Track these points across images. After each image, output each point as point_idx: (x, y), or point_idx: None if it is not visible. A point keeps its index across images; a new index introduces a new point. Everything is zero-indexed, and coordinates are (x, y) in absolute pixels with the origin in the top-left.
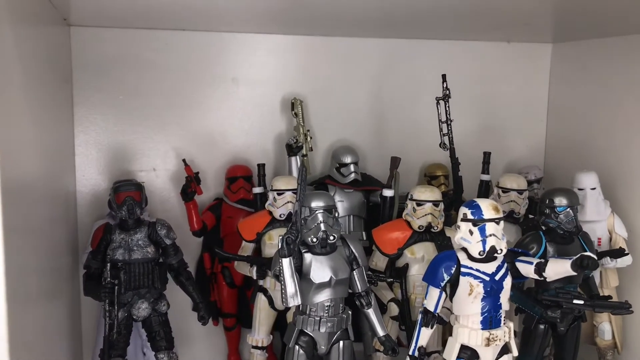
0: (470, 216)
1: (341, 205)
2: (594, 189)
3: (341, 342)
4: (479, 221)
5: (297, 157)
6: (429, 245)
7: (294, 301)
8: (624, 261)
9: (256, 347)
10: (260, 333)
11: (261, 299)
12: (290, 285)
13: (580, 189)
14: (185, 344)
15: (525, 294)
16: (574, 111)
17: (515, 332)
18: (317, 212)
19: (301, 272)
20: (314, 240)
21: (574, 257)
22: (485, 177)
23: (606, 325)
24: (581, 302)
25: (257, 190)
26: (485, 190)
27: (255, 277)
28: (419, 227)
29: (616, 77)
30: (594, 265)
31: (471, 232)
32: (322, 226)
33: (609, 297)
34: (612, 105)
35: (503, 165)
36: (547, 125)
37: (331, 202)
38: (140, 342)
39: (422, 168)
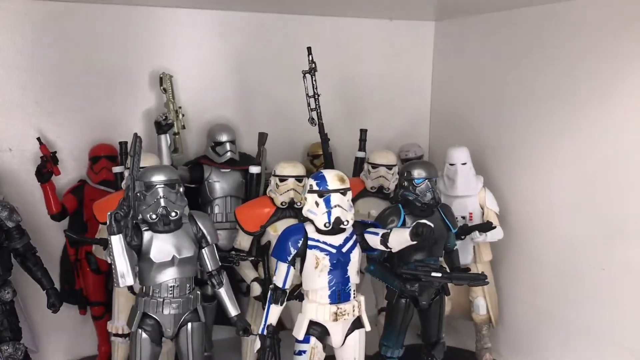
0: (315, 187)
1: (218, 186)
2: (464, 164)
3: (189, 324)
4: (324, 192)
5: (167, 135)
6: (292, 222)
7: (125, 281)
8: (495, 235)
9: (117, 335)
10: (120, 320)
11: None
12: (120, 265)
13: (451, 164)
14: (53, 335)
15: (386, 268)
16: (456, 88)
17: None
18: (157, 186)
19: (141, 252)
20: (153, 217)
21: (412, 225)
22: (360, 154)
23: (481, 300)
24: (439, 274)
25: (117, 169)
26: (360, 167)
27: (109, 261)
28: (281, 204)
29: (493, 52)
30: (429, 232)
31: (317, 204)
32: (162, 202)
33: (468, 269)
34: (489, 81)
35: (386, 143)
36: (432, 103)
37: (174, 176)
38: None
39: (305, 148)
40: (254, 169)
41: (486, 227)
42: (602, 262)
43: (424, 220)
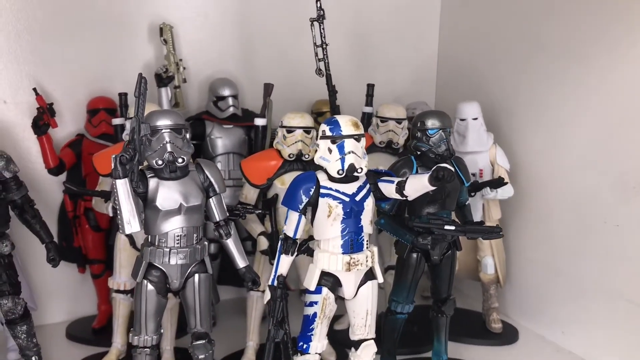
0: (328, 133)
1: (220, 143)
2: (475, 119)
3: (196, 276)
4: (337, 138)
5: (168, 88)
6: None
7: (131, 228)
8: (505, 192)
9: (118, 291)
10: (122, 276)
11: (121, 238)
12: (126, 210)
13: (462, 120)
14: (52, 295)
15: (397, 222)
16: (464, 43)
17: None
18: (162, 131)
19: (147, 200)
20: (159, 162)
21: (431, 170)
22: (367, 110)
23: (489, 260)
24: (452, 227)
25: (117, 121)
26: (367, 123)
27: (111, 214)
28: (289, 156)
29: (502, 7)
30: (450, 176)
31: (330, 150)
32: (169, 147)
33: (482, 222)
34: (498, 36)
35: (392, 100)
36: (439, 59)
37: (180, 120)
38: None
39: (311, 101)
40: (260, 121)
41: (497, 183)
42: (616, 218)
43: (444, 164)
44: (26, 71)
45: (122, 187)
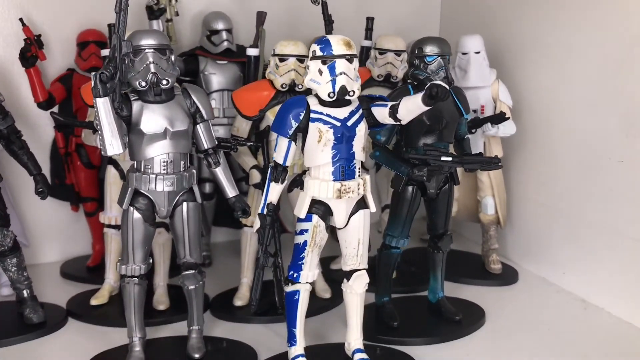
0: (319, 52)
1: (215, 79)
2: (478, 52)
3: (185, 204)
4: (328, 58)
5: (160, 21)
6: None
7: (113, 149)
8: (507, 129)
9: (110, 226)
10: (112, 210)
11: (111, 172)
12: (107, 130)
13: (464, 53)
14: (46, 234)
15: (392, 154)
16: None
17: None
18: (146, 51)
19: (131, 124)
20: (143, 84)
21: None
22: (366, 43)
23: (489, 200)
24: (449, 158)
25: (106, 52)
26: (365, 57)
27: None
28: (282, 86)
29: None
30: (444, 93)
31: (320, 72)
32: (152, 67)
33: (480, 154)
34: None
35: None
36: None
37: (165, 40)
38: None
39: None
40: (252, 51)
41: (499, 118)
42: (621, 154)
43: (438, 81)
44: (13, 1)
45: (103, 106)
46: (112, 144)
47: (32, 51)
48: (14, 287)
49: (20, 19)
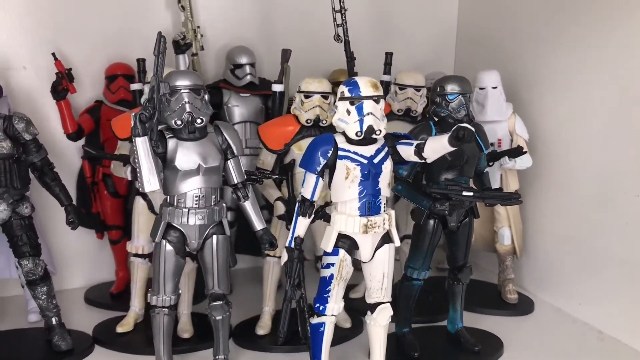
0: (347, 94)
1: (237, 111)
2: (495, 87)
3: (214, 237)
4: (356, 99)
5: (186, 55)
6: None
7: (150, 185)
8: (524, 162)
9: (137, 255)
10: (140, 239)
11: (140, 202)
12: (145, 168)
13: (481, 88)
14: (71, 260)
15: (414, 188)
16: (483, 10)
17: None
18: (182, 91)
19: (166, 160)
20: (178, 123)
21: (450, 131)
22: (385, 78)
23: (506, 231)
24: (470, 193)
25: (135, 86)
26: (385, 91)
27: (130, 178)
28: (306, 121)
29: None
30: (470, 135)
31: (348, 112)
32: (188, 107)
33: (500, 189)
34: (519, 3)
35: (410, 68)
36: (458, 26)
37: (199, 81)
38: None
39: (329, 69)
40: (277, 87)
41: (516, 152)
42: (637, 188)
43: (464, 124)
44: (45, 36)
45: (142, 145)
46: (150, 181)
47: (63, 85)
48: (42, 315)
49: (53, 54)
